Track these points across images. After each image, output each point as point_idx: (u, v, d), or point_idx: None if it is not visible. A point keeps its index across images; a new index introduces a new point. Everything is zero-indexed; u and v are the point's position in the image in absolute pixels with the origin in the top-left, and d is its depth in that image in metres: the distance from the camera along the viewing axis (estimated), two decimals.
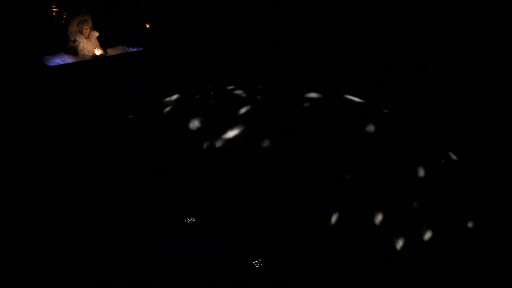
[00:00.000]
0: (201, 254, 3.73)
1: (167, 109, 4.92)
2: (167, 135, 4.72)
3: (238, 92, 4.87)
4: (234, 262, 3.68)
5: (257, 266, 3.64)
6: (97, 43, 6.35)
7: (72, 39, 6.25)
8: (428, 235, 3.69)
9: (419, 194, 3.79)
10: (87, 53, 6.21)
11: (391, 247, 3.64)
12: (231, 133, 4.29)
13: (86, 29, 6.24)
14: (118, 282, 3.50)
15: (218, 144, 4.29)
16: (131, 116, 5.25)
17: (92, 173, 4.55)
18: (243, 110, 4.51)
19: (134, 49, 6.42)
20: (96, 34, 6.35)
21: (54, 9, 6.22)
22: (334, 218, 3.87)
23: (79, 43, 6.23)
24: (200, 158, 4.40)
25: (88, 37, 6.28)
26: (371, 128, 4.05)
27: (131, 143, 4.88)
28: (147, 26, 6.76)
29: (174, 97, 5.05)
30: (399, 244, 3.61)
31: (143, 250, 3.75)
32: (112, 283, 3.50)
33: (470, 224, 3.76)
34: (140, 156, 4.70)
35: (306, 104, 4.38)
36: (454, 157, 4.03)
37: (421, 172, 3.87)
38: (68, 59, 6.07)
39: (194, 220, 4.09)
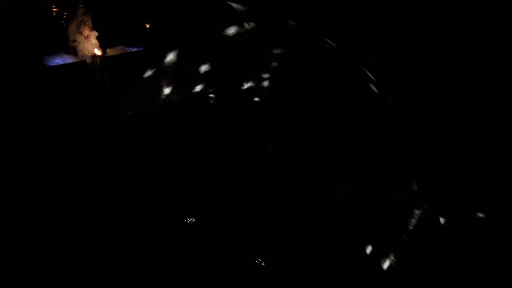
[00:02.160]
0: (200, 254, 3.74)
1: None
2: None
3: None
4: (234, 262, 3.69)
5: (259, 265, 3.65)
6: (96, 43, 6.35)
7: (71, 39, 6.26)
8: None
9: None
10: (86, 53, 6.22)
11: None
12: None
13: (85, 29, 6.25)
14: (118, 281, 3.51)
15: None
16: (129, 112, 5.25)
17: (91, 172, 4.56)
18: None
19: (134, 49, 6.42)
20: (96, 34, 6.36)
21: (54, 9, 6.23)
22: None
23: (79, 43, 6.24)
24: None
25: (87, 38, 6.29)
26: None
27: (129, 141, 4.91)
28: (147, 26, 6.77)
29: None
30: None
31: (143, 250, 3.76)
32: (112, 283, 3.51)
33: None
34: (137, 154, 4.73)
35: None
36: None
37: None
38: (68, 59, 6.08)
39: (194, 220, 4.10)
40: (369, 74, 4.09)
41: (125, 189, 4.36)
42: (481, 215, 3.78)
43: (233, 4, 4.49)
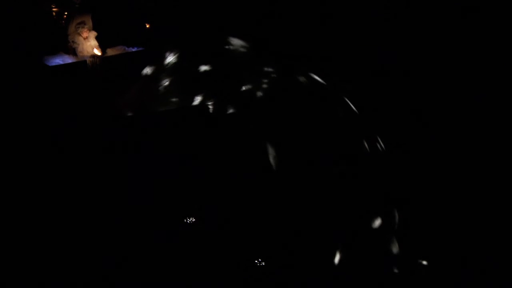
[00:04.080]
0: (200, 254, 3.74)
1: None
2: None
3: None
4: (234, 261, 3.69)
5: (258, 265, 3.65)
6: (96, 44, 6.34)
7: (71, 40, 6.25)
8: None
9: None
10: (86, 54, 6.21)
11: None
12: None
13: (84, 31, 6.23)
14: (118, 281, 3.51)
15: None
16: (130, 114, 5.25)
17: (91, 172, 4.55)
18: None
19: (134, 49, 6.41)
20: (95, 34, 6.34)
21: (54, 9, 6.22)
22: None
23: (78, 44, 6.23)
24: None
25: (86, 39, 6.28)
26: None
27: (130, 141, 4.89)
28: (147, 26, 6.76)
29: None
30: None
31: (142, 250, 3.75)
32: (112, 283, 3.51)
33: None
34: (138, 154, 4.72)
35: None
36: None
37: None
38: (68, 59, 6.07)
39: (194, 220, 4.09)
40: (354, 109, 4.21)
41: (123, 190, 4.35)
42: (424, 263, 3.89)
43: (232, 39, 4.56)
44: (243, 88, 4.76)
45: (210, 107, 4.94)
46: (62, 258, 3.69)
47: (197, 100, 5.01)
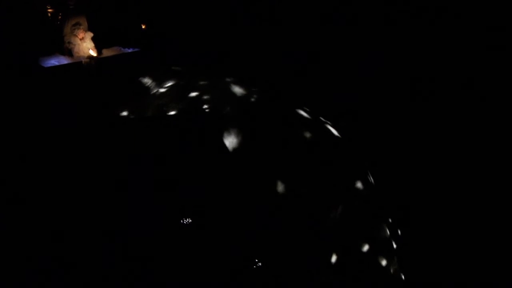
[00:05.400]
0: (200, 254, 3.75)
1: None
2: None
3: None
4: (233, 262, 3.70)
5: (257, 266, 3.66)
6: (92, 44, 6.34)
7: (66, 41, 6.24)
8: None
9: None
10: (82, 55, 6.21)
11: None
12: None
13: (80, 32, 6.23)
14: (116, 282, 3.51)
15: None
16: (125, 114, 5.24)
17: (88, 173, 4.54)
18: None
19: (130, 50, 6.41)
20: (91, 35, 6.34)
21: (49, 10, 6.21)
22: None
23: (74, 45, 6.22)
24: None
25: (82, 39, 6.27)
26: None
27: (126, 142, 4.88)
28: (143, 26, 6.77)
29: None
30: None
31: (142, 250, 3.76)
32: (110, 283, 3.51)
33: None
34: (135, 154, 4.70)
35: None
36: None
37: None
38: (63, 60, 6.06)
39: (191, 220, 4.10)
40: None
41: (120, 191, 4.35)
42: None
43: (233, 87, 4.60)
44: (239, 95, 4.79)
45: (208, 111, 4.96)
46: (61, 258, 3.69)
47: (196, 106, 5.03)
